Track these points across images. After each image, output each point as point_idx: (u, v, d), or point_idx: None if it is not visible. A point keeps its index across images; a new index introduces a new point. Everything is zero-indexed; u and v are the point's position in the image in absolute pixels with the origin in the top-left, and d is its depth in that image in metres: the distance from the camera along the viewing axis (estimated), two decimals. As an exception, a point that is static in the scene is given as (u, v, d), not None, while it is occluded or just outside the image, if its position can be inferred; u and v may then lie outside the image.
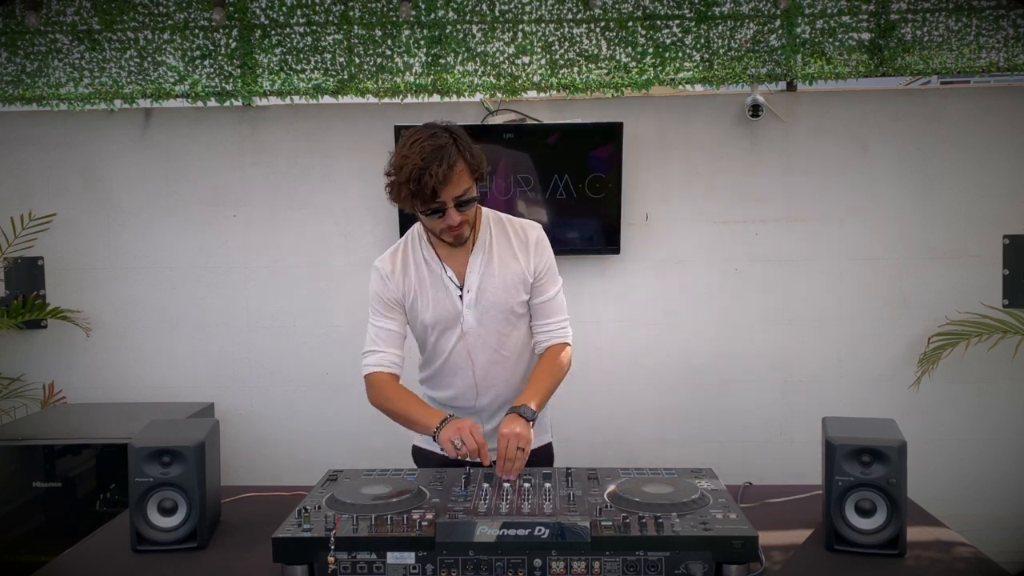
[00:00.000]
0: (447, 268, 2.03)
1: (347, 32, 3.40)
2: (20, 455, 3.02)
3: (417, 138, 1.85)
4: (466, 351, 2.05)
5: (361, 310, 3.58)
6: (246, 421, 3.60)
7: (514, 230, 2.06)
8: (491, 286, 2.01)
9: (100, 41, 3.42)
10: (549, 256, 2.08)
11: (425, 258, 2.04)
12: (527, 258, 2.04)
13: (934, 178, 3.46)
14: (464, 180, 1.87)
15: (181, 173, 3.55)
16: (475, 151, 1.90)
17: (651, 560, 1.47)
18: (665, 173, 3.50)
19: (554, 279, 2.09)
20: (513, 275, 2.02)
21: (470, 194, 1.89)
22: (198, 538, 1.72)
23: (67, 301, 3.55)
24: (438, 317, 2.03)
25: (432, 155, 1.80)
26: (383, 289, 2.06)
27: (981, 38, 3.33)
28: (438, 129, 1.88)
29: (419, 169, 1.79)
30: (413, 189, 1.81)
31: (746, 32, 3.38)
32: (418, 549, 1.48)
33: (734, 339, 3.54)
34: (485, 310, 2.01)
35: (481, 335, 2.04)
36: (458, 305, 2.02)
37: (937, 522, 1.83)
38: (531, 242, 2.05)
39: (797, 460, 3.54)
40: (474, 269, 2.01)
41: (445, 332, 2.05)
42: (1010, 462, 3.53)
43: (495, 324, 2.03)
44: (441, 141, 1.83)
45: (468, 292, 2.01)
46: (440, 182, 1.80)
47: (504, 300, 2.02)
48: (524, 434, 1.83)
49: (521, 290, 2.04)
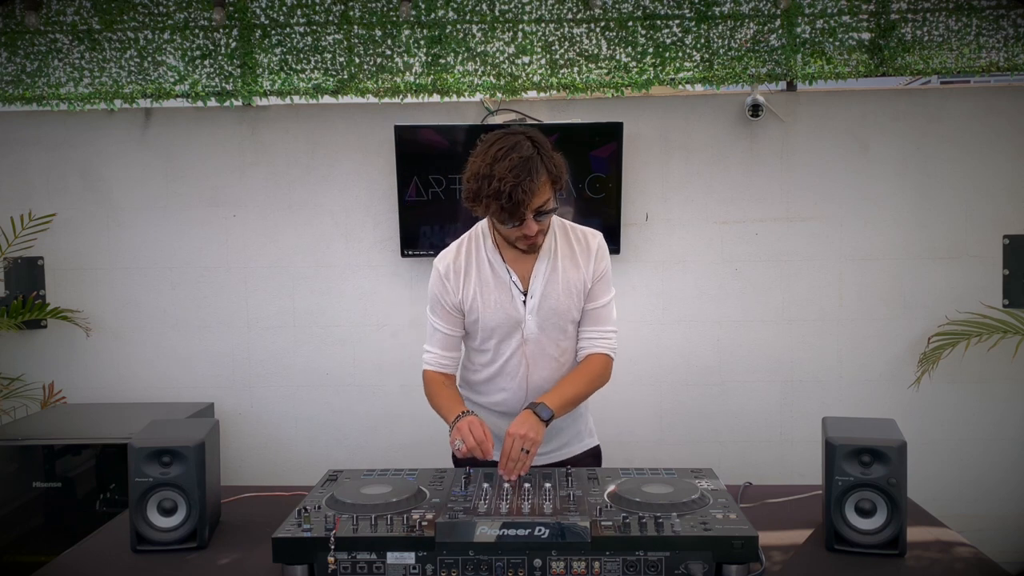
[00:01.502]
0: (512, 272, 2.00)
1: (347, 32, 3.40)
2: (20, 455, 3.02)
3: (502, 147, 1.80)
4: (524, 357, 2.03)
5: (360, 310, 3.61)
6: (246, 421, 3.60)
7: (576, 237, 2.04)
8: (554, 293, 1.99)
9: (100, 41, 3.42)
10: (607, 264, 2.05)
11: (489, 259, 2.01)
12: (588, 265, 2.01)
13: (934, 178, 3.47)
14: (546, 191, 1.84)
15: (181, 173, 3.55)
16: (556, 160, 1.87)
17: (651, 560, 1.47)
18: (665, 173, 3.50)
19: (606, 288, 2.06)
20: (575, 282, 2.01)
21: (549, 205, 1.87)
22: (198, 538, 1.72)
23: (67, 301, 3.55)
24: (500, 321, 2.00)
25: (521, 169, 1.77)
26: (441, 290, 2.03)
27: (981, 38, 3.33)
28: (521, 138, 1.83)
29: (510, 185, 1.76)
30: (504, 205, 1.78)
31: (746, 32, 3.38)
32: (418, 549, 1.48)
33: (734, 339, 3.54)
34: (546, 317, 2.00)
35: (541, 342, 2.02)
36: (521, 311, 2.00)
37: (937, 522, 1.83)
38: (592, 249, 2.02)
39: (797, 460, 3.54)
40: (539, 275, 1.99)
41: (506, 338, 2.02)
42: (1010, 462, 3.53)
43: (555, 331, 2.02)
44: (526, 152, 1.80)
45: (531, 298, 1.99)
46: (528, 196, 1.78)
47: (566, 308, 2.00)
48: (531, 436, 1.81)
49: (581, 297, 2.02)
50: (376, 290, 3.56)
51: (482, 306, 1.99)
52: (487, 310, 1.99)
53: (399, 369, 3.56)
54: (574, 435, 2.16)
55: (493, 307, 1.99)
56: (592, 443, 2.20)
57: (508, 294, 1.99)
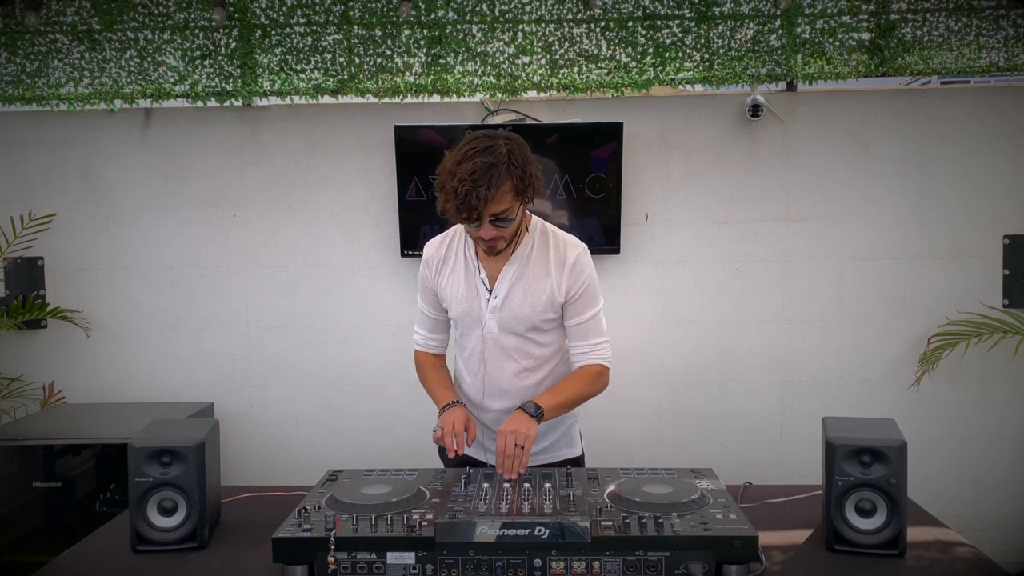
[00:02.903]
0: (481, 269, 2.03)
1: (347, 32, 3.40)
2: (20, 455, 3.02)
3: (473, 148, 1.83)
4: (488, 353, 2.05)
5: (360, 310, 3.61)
6: (246, 421, 3.60)
7: (555, 246, 2.03)
8: (518, 298, 2.00)
9: (100, 41, 3.42)
10: (587, 279, 2.01)
11: (466, 253, 2.06)
12: (560, 278, 1.99)
13: (934, 178, 3.47)
14: (506, 200, 1.85)
15: (181, 173, 3.55)
16: (527, 171, 1.86)
17: (651, 560, 1.47)
18: (665, 173, 3.50)
19: (589, 302, 2.02)
20: (543, 292, 1.99)
21: (509, 214, 1.87)
22: (198, 538, 1.72)
23: (67, 301, 3.55)
24: (462, 313, 2.05)
25: (481, 175, 1.78)
26: (424, 273, 2.12)
27: (981, 38, 3.33)
28: (497, 141, 1.85)
29: (466, 188, 1.78)
30: (458, 205, 1.81)
31: (746, 32, 3.38)
32: (418, 549, 1.48)
33: (734, 339, 3.54)
34: (506, 319, 2.01)
35: (500, 342, 2.03)
36: (483, 307, 2.02)
37: (937, 522, 1.83)
38: (568, 263, 1.99)
39: (797, 460, 3.54)
40: (506, 277, 2.00)
41: (468, 331, 2.08)
42: (1010, 462, 3.53)
43: (514, 336, 2.03)
44: (493, 158, 1.81)
45: (495, 298, 2.01)
46: (482, 202, 1.80)
47: (528, 315, 2.00)
48: (523, 430, 1.81)
49: (548, 308, 2.01)
50: (376, 290, 3.56)
51: (450, 296, 2.06)
52: (454, 300, 2.05)
53: (399, 369, 3.55)
54: (555, 441, 2.14)
55: (459, 299, 2.04)
56: (574, 453, 2.17)
57: (474, 290, 2.03)
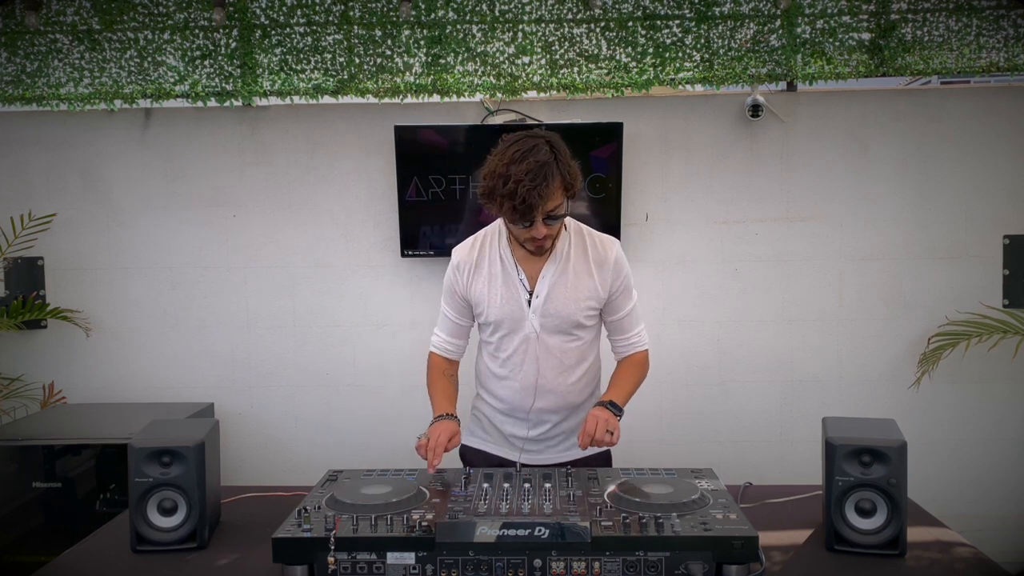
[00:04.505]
0: (520, 270, 2.05)
1: (347, 32, 3.40)
2: (20, 455, 3.02)
3: (520, 149, 1.87)
4: (527, 355, 2.06)
5: (360, 310, 3.61)
6: (246, 421, 3.60)
7: (593, 244, 2.07)
8: (560, 297, 2.03)
9: (100, 41, 3.42)
10: (626, 274, 2.09)
11: (501, 255, 2.07)
12: (603, 277, 2.06)
13: (934, 178, 3.47)
14: (558, 197, 1.89)
15: (181, 173, 3.55)
16: (573, 167, 1.92)
17: (651, 560, 1.47)
18: (665, 173, 3.50)
19: (628, 296, 2.11)
20: (585, 291, 2.04)
21: (560, 210, 1.91)
22: (198, 538, 1.72)
23: (67, 301, 3.55)
24: (504, 316, 2.05)
25: (536, 173, 1.82)
26: (453, 279, 2.12)
27: (981, 38, 3.33)
28: (539, 141, 1.89)
29: (525, 188, 1.81)
30: (516, 206, 1.84)
31: (746, 32, 3.38)
32: (418, 549, 1.48)
33: (734, 339, 3.54)
34: (549, 318, 2.03)
35: (544, 341, 2.05)
36: (525, 309, 2.04)
37: (937, 522, 1.83)
38: (609, 261, 2.06)
39: (797, 460, 3.54)
40: (547, 277, 2.03)
41: (510, 333, 2.07)
42: (1010, 462, 3.53)
43: (558, 333, 2.05)
44: (543, 157, 1.85)
45: (537, 298, 2.03)
46: (540, 200, 1.83)
47: (571, 313, 2.04)
48: (613, 420, 1.92)
49: (591, 305, 2.06)
50: (376, 290, 3.56)
51: (488, 299, 2.05)
52: (493, 304, 2.05)
53: (399, 369, 3.56)
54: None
55: (499, 302, 2.05)
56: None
57: (515, 291, 2.04)
